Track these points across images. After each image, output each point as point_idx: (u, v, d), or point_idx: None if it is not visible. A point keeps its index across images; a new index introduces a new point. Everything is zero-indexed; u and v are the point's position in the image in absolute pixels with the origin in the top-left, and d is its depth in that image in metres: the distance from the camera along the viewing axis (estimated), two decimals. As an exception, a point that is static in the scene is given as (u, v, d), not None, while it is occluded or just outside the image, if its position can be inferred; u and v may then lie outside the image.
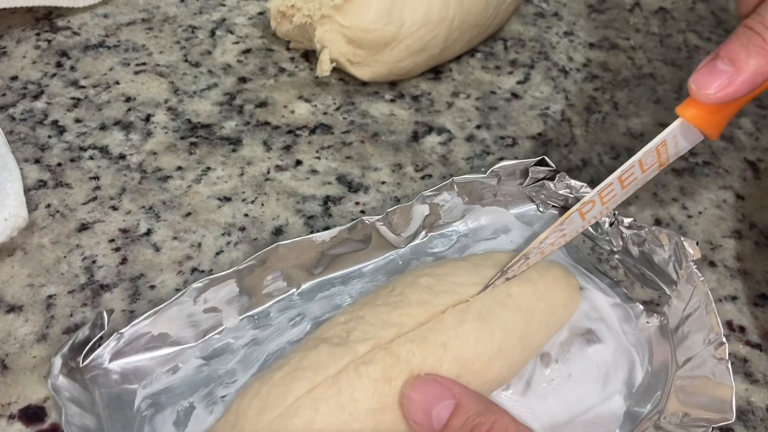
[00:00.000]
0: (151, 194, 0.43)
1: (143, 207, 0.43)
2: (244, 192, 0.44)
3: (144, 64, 0.52)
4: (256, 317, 0.37)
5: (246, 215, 0.43)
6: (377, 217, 0.40)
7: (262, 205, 0.44)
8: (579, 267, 0.42)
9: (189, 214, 0.43)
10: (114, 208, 0.42)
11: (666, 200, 0.48)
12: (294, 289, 0.39)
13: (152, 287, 0.39)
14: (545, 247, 0.37)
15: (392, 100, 0.52)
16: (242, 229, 0.42)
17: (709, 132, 0.35)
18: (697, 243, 0.37)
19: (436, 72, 0.55)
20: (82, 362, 0.33)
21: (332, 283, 0.39)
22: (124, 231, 0.41)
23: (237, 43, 0.55)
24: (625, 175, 0.36)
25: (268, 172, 0.46)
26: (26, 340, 0.36)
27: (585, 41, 0.60)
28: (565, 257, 0.42)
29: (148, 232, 0.41)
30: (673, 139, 0.35)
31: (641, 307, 0.39)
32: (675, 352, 0.37)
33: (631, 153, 0.50)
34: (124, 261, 0.40)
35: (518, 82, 0.55)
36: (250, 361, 0.36)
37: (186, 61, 0.53)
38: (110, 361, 0.34)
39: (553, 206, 0.44)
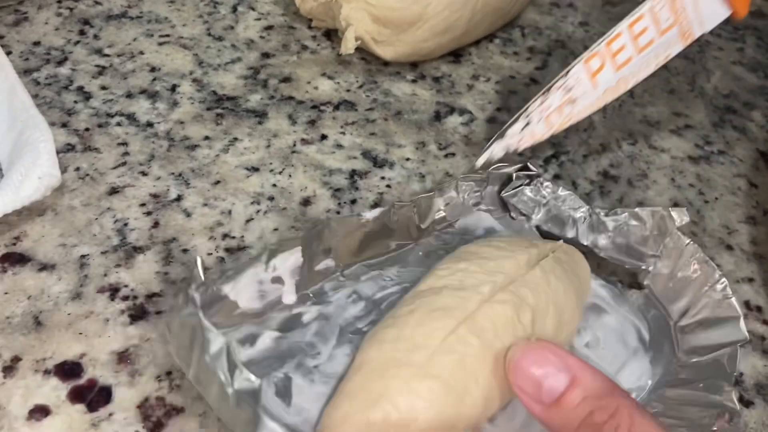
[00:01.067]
0: (180, 162, 0.43)
1: (172, 174, 0.42)
2: (271, 163, 0.45)
3: (167, 36, 0.52)
4: (312, 294, 0.37)
5: (274, 185, 0.43)
6: (407, 204, 0.40)
7: (290, 176, 0.44)
8: None
9: (218, 182, 0.43)
10: (144, 174, 0.42)
11: (683, 186, 0.49)
12: (339, 270, 0.38)
13: (185, 251, 0.39)
14: (551, 114, 0.33)
15: (414, 81, 0.53)
16: (271, 198, 0.42)
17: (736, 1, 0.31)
18: (686, 209, 0.39)
19: (455, 55, 0.56)
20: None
21: (370, 267, 0.39)
22: (154, 196, 0.41)
23: (259, 19, 0.55)
24: (636, 27, 0.32)
25: (294, 145, 0.46)
26: (60, 298, 0.35)
27: (600, 31, 0.61)
28: None
29: (179, 198, 0.41)
30: None
31: (619, 285, 0.41)
32: (667, 309, 0.40)
33: (648, 139, 0.52)
34: (156, 225, 0.40)
35: (536, 68, 0.56)
36: (326, 333, 0.35)
37: (209, 35, 0.53)
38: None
39: (522, 214, 0.43)
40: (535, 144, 0.34)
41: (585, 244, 0.42)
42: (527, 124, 0.33)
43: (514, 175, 0.43)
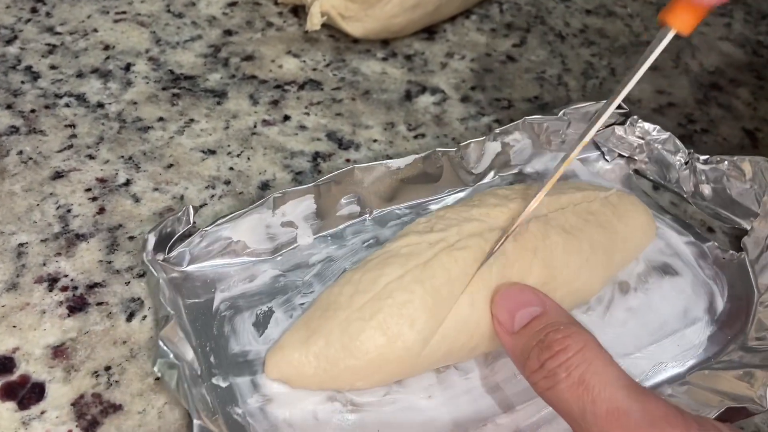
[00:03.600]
0: (131, 144, 0.41)
1: (122, 157, 0.40)
2: (229, 145, 0.42)
3: (124, 12, 0.49)
4: (329, 237, 0.38)
5: (231, 168, 0.41)
6: (452, 149, 0.39)
7: (248, 159, 0.42)
8: (649, 208, 0.40)
9: (171, 165, 0.40)
10: (91, 157, 0.40)
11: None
12: (367, 215, 0.39)
13: (131, 238, 0.36)
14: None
15: (384, 59, 0.50)
16: (227, 182, 0.40)
17: (687, 32, 0.33)
18: None
19: (429, 32, 0.53)
20: (166, 255, 0.34)
21: (403, 213, 0.39)
22: (101, 180, 0.39)
23: (223, -5, 0.53)
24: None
25: (255, 126, 0.44)
26: (-6, 289, 0.33)
27: (581, 7, 0.59)
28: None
29: (127, 183, 0.39)
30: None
31: (716, 243, 0.39)
32: (757, 280, 0.37)
33: (628, 118, 0.49)
34: (101, 211, 0.37)
35: (514, 45, 0.54)
36: (326, 275, 0.36)
37: (169, 11, 0.50)
38: (190, 263, 0.35)
39: (620, 155, 0.42)
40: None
41: (685, 193, 0.40)
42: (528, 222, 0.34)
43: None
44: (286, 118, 0.45)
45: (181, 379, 0.28)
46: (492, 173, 0.42)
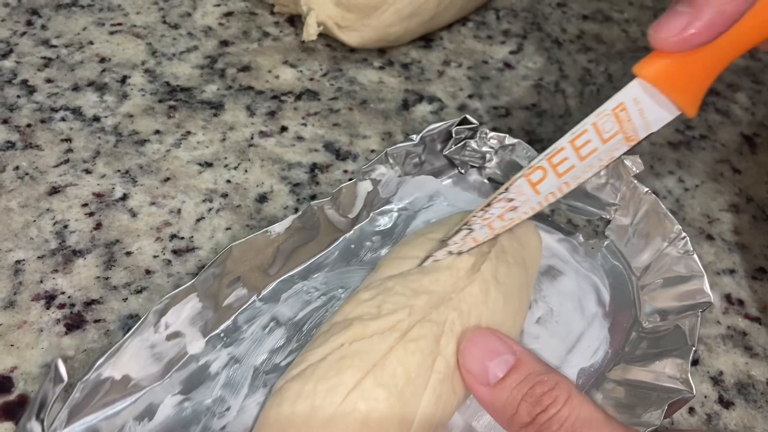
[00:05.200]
0: (127, 158, 0.41)
1: (119, 171, 0.40)
2: (226, 157, 0.42)
3: (120, 24, 0.49)
4: (223, 334, 0.33)
5: (228, 181, 0.41)
6: (325, 200, 0.36)
7: (246, 171, 0.42)
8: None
9: (168, 179, 0.40)
10: (87, 172, 0.40)
11: (662, 173, 0.46)
12: (255, 295, 0.35)
13: (128, 253, 0.36)
14: (493, 221, 0.33)
15: (381, 68, 0.50)
16: (224, 195, 0.40)
17: (680, 101, 0.31)
18: (640, 157, 0.38)
19: (426, 40, 0.53)
20: (48, 428, 0.27)
21: (293, 281, 0.36)
22: (98, 195, 0.39)
23: (218, 5, 0.53)
24: (579, 141, 0.32)
25: (252, 138, 0.44)
26: (-9, 308, 0.33)
27: (578, 13, 0.58)
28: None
29: (124, 197, 0.39)
30: (635, 105, 0.31)
31: (580, 236, 0.40)
32: (630, 265, 0.38)
33: (626, 125, 0.49)
34: (98, 226, 0.37)
35: (511, 53, 0.54)
36: (236, 382, 0.32)
37: (164, 22, 0.50)
38: (68, 422, 0.28)
39: (472, 166, 0.42)
40: (478, 245, 0.34)
41: None
42: (469, 231, 0.33)
43: (453, 130, 0.41)
44: (283, 129, 0.45)
45: None
46: (365, 213, 0.39)
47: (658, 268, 0.37)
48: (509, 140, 0.41)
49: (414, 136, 0.39)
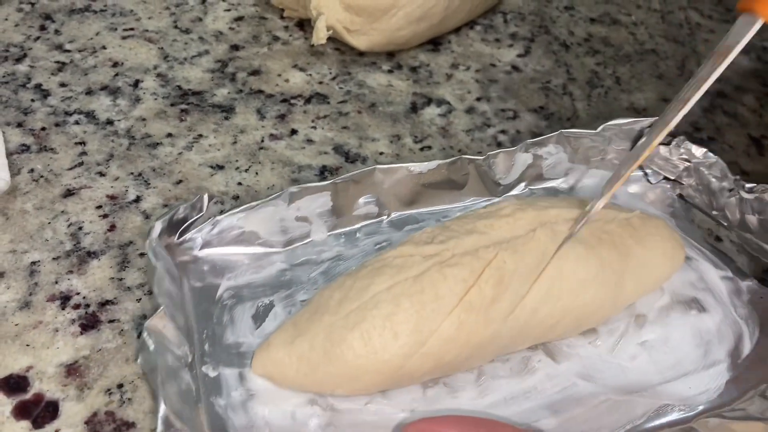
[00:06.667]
0: (140, 161, 0.41)
1: (132, 173, 0.41)
2: (237, 160, 0.43)
3: (132, 29, 0.50)
4: (343, 236, 0.38)
5: (239, 184, 0.41)
6: (480, 157, 0.38)
7: (257, 173, 0.42)
8: (687, 238, 0.39)
9: (180, 181, 0.41)
10: (101, 174, 0.40)
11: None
12: (384, 217, 0.38)
13: (142, 255, 0.37)
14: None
15: (390, 71, 0.51)
16: (236, 197, 0.41)
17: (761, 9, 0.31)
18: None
19: (434, 43, 0.54)
20: (177, 239, 0.34)
21: (422, 218, 0.39)
22: (111, 197, 0.39)
23: (229, 10, 0.53)
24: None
25: (262, 141, 0.44)
26: (8, 308, 0.34)
27: (586, 16, 0.59)
28: (674, 228, 0.40)
29: (138, 199, 0.39)
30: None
31: (755, 281, 0.37)
32: None
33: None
34: (112, 228, 0.38)
35: (519, 56, 0.54)
36: (333, 274, 0.36)
37: (176, 27, 0.51)
38: (201, 248, 0.35)
39: (665, 178, 0.40)
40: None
41: (730, 222, 0.38)
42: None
43: (646, 130, 0.39)
44: (293, 132, 0.45)
45: (160, 371, 0.28)
46: (522, 185, 0.40)
47: None
48: (706, 156, 0.39)
49: (597, 125, 0.39)
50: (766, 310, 0.36)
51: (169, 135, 0.43)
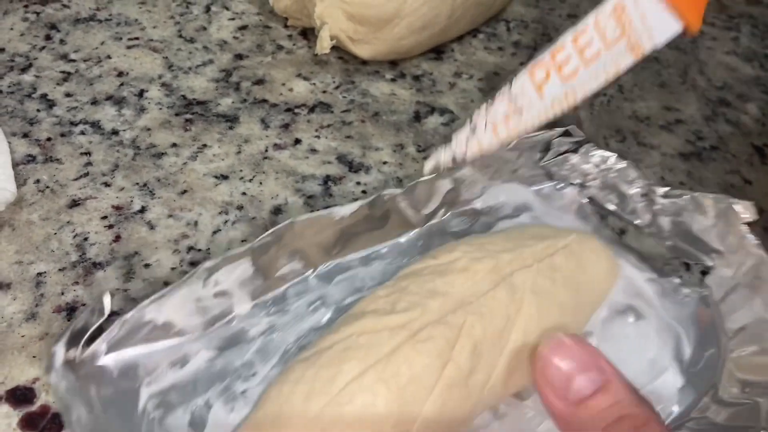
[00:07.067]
0: (145, 171, 0.42)
1: (137, 184, 0.41)
2: (241, 170, 0.43)
3: (137, 39, 0.50)
4: (270, 302, 0.34)
5: (244, 194, 0.41)
6: (399, 191, 0.37)
7: (261, 183, 0.42)
8: (610, 246, 0.38)
9: (185, 191, 0.41)
10: (106, 185, 0.40)
11: (673, 184, 0.47)
12: (311, 271, 0.35)
13: (147, 266, 0.37)
14: (498, 123, 0.31)
15: (393, 80, 0.51)
16: (240, 207, 0.41)
17: (682, 8, 0.29)
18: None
19: (437, 52, 0.54)
20: (81, 355, 0.29)
21: (351, 265, 0.36)
22: (117, 208, 0.39)
23: (233, 19, 0.53)
24: (581, 40, 0.31)
25: (266, 151, 0.44)
26: (14, 319, 0.34)
27: (588, 24, 0.59)
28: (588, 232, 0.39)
29: (143, 210, 0.40)
30: (636, 7, 0.30)
31: (678, 280, 0.37)
32: (723, 323, 0.34)
33: (636, 136, 0.50)
34: (117, 238, 0.38)
35: (522, 64, 0.54)
36: (269, 351, 0.32)
37: (180, 36, 0.51)
38: (107, 352, 0.30)
39: (572, 183, 0.40)
40: (483, 153, 0.32)
41: (641, 223, 0.37)
42: (473, 131, 0.32)
43: (554, 141, 0.39)
44: (297, 141, 0.45)
45: None
46: (442, 211, 0.39)
47: (753, 334, 0.33)
48: (616, 162, 0.38)
49: (508, 145, 0.38)
50: (694, 308, 0.36)
51: (174, 145, 0.43)
